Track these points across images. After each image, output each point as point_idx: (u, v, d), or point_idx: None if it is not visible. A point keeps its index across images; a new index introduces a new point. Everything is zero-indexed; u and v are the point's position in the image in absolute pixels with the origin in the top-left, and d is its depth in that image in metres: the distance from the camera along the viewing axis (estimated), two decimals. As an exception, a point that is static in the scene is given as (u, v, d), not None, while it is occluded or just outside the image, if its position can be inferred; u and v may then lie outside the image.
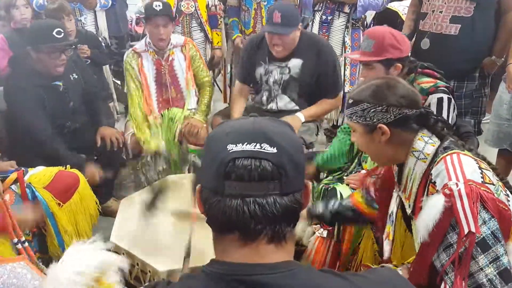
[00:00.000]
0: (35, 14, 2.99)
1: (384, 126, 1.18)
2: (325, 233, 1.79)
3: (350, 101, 1.24)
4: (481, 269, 0.99)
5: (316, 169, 2.11)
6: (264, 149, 0.67)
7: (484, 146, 2.52)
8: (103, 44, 3.28)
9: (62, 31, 2.22)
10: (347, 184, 1.86)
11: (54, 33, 2.18)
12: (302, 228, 1.94)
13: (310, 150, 2.44)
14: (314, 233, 1.84)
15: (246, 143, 0.68)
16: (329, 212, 1.55)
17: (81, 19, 3.26)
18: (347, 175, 1.94)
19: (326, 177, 2.10)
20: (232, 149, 0.68)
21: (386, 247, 1.38)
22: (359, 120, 1.21)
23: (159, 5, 2.52)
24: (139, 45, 2.71)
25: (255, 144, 0.67)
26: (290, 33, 2.26)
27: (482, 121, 2.68)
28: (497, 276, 0.99)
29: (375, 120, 1.19)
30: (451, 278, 1.03)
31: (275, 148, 0.67)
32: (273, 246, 0.69)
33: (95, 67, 3.05)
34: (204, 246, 0.73)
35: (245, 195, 0.66)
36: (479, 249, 1.00)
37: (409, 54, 1.83)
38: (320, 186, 1.93)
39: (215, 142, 0.71)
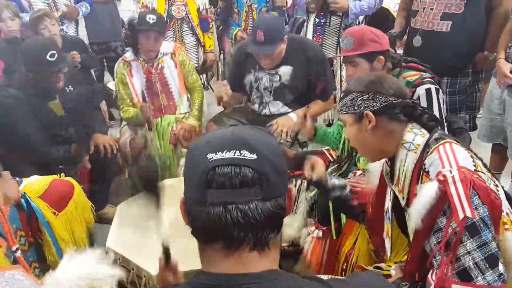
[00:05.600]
0: (24, 24, 2.99)
1: (370, 113, 1.21)
2: (320, 234, 1.79)
3: (342, 95, 1.30)
4: (468, 252, 1.00)
5: (314, 133, 2.09)
6: (243, 155, 0.68)
7: (478, 142, 2.52)
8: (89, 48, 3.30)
9: (55, 53, 2.20)
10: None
11: (47, 56, 2.17)
12: (298, 228, 1.95)
13: (305, 149, 2.44)
14: (309, 234, 1.84)
15: (225, 151, 0.68)
16: (343, 193, 1.53)
17: (63, 28, 3.28)
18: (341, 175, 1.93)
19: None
20: (212, 158, 0.68)
21: (387, 245, 1.39)
22: (348, 110, 1.26)
23: (153, 19, 2.50)
24: (129, 54, 2.72)
25: (234, 151, 0.68)
26: (274, 50, 2.26)
27: (477, 116, 2.69)
28: (484, 261, 1.00)
29: (362, 108, 1.23)
30: (438, 261, 1.04)
31: (255, 154, 0.68)
32: (257, 253, 0.69)
33: (84, 71, 3.05)
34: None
35: (227, 202, 0.67)
36: (467, 234, 1.00)
37: (389, 48, 1.85)
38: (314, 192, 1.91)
39: (196, 152, 0.72)
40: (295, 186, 1.99)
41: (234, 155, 0.68)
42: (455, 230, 1.00)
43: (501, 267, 1.00)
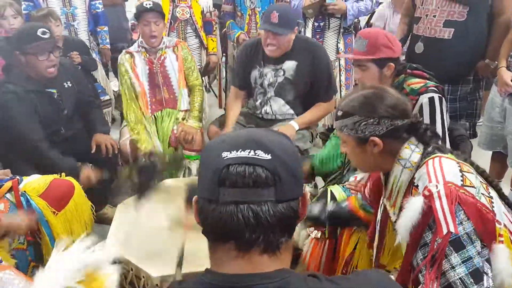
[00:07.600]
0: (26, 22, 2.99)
1: (377, 139, 1.18)
2: (318, 234, 1.79)
3: (340, 113, 1.23)
4: (453, 267, 1.00)
5: (312, 170, 2.09)
6: (258, 155, 0.68)
7: (478, 149, 2.53)
8: (90, 48, 3.30)
9: (47, 31, 2.19)
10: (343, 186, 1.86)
11: (39, 33, 2.16)
12: (296, 231, 1.94)
13: (305, 155, 2.44)
14: (308, 235, 1.84)
15: (240, 150, 0.68)
16: (325, 214, 1.55)
17: (74, 24, 3.27)
18: (341, 181, 1.93)
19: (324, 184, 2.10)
20: (226, 156, 0.68)
21: (374, 254, 1.40)
22: (351, 132, 1.21)
23: (149, 4, 2.62)
24: (132, 47, 2.75)
25: (249, 150, 0.68)
26: (286, 34, 2.27)
27: (477, 124, 2.69)
28: (469, 276, 0.99)
29: (366, 133, 1.18)
30: (424, 276, 1.03)
31: (270, 154, 0.68)
32: (267, 256, 0.68)
33: (85, 73, 3.06)
34: (198, 251, 0.73)
35: (240, 201, 0.66)
36: (452, 248, 1.01)
37: (400, 56, 1.85)
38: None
39: (211, 151, 0.72)
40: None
41: (248, 154, 0.68)
42: (440, 245, 1.00)
43: (485, 280, 1.00)
